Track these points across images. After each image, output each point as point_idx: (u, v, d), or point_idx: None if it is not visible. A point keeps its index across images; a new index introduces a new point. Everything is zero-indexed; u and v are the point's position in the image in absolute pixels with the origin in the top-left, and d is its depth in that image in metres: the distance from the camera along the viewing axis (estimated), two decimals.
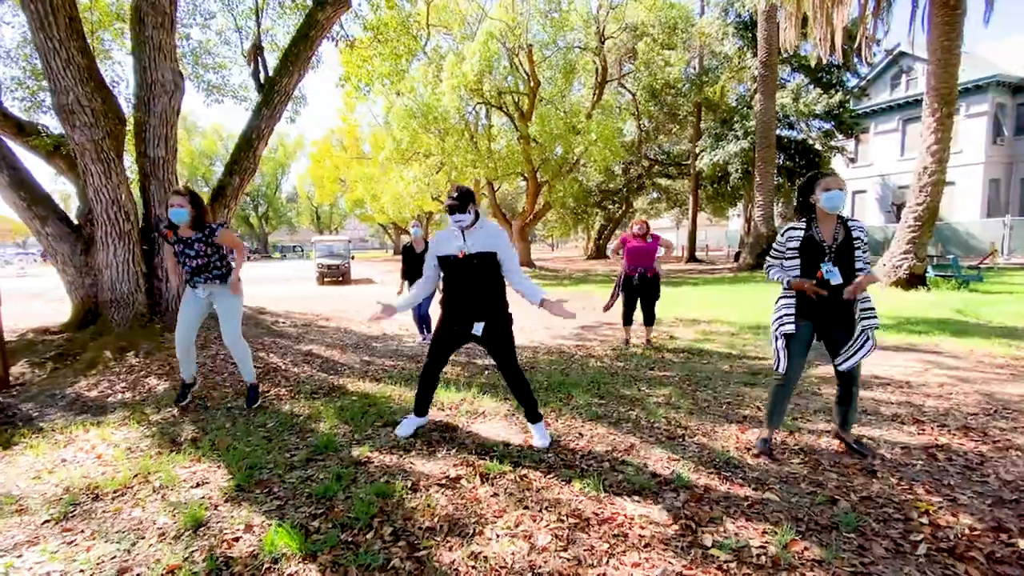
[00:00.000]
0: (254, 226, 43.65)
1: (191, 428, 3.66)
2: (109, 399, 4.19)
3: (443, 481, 2.85)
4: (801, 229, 3.00)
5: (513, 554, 2.20)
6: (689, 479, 2.87)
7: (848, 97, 23.03)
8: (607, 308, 6.53)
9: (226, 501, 2.66)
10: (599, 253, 36.73)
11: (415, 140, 19.26)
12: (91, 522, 2.48)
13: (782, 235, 3.07)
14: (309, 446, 3.32)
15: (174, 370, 4.82)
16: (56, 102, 5.04)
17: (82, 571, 2.11)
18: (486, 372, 5.25)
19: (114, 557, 2.20)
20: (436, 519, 2.47)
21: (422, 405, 3.53)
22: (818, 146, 22.07)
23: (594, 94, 22.77)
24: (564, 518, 2.47)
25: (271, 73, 7.09)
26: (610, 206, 34.73)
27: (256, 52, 7.29)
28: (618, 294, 6.44)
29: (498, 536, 2.33)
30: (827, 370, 5.17)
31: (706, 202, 28.80)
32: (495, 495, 2.70)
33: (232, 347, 4.00)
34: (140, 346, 5.22)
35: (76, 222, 5.97)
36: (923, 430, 3.57)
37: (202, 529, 2.41)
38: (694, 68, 25.09)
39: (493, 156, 20.51)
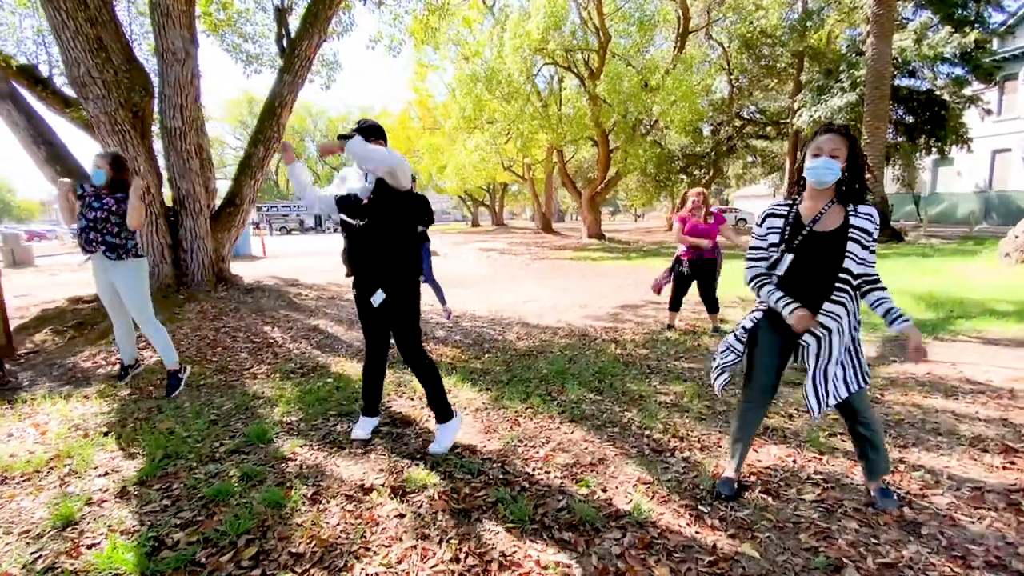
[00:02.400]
0: None
1: (147, 406, 3.55)
2: (98, 371, 4.22)
3: (351, 492, 2.45)
4: (784, 209, 2.16)
5: None
6: (650, 512, 2.24)
7: (989, 37, 19.23)
8: (657, 290, 5.73)
9: (117, 497, 2.44)
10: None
11: (479, 106, 18.70)
12: None
13: (759, 222, 2.22)
14: (245, 435, 3.05)
15: (185, 342, 4.82)
16: (69, 74, 5.11)
17: None
18: (485, 355, 4.78)
19: None
20: (313, 543, 2.07)
21: (370, 403, 3.08)
22: (946, 96, 18.71)
23: (674, 47, 20.84)
24: (460, 557, 1.97)
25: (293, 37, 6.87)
26: (696, 172, 32.32)
27: (280, 15, 7.09)
28: (670, 277, 5.59)
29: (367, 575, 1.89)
30: (892, 370, 4.15)
31: None
32: (399, 516, 2.25)
33: (141, 329, 3.75)
34: (163, 314, 5.29)
35: None
36: (1013, 463, 2.63)
37: (69, 530, 2.18)
38: (796, 12, 22.16)
39: (562, 120, 19.52)
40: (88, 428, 3.20)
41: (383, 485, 2.49)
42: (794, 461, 2.71)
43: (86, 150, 5.58)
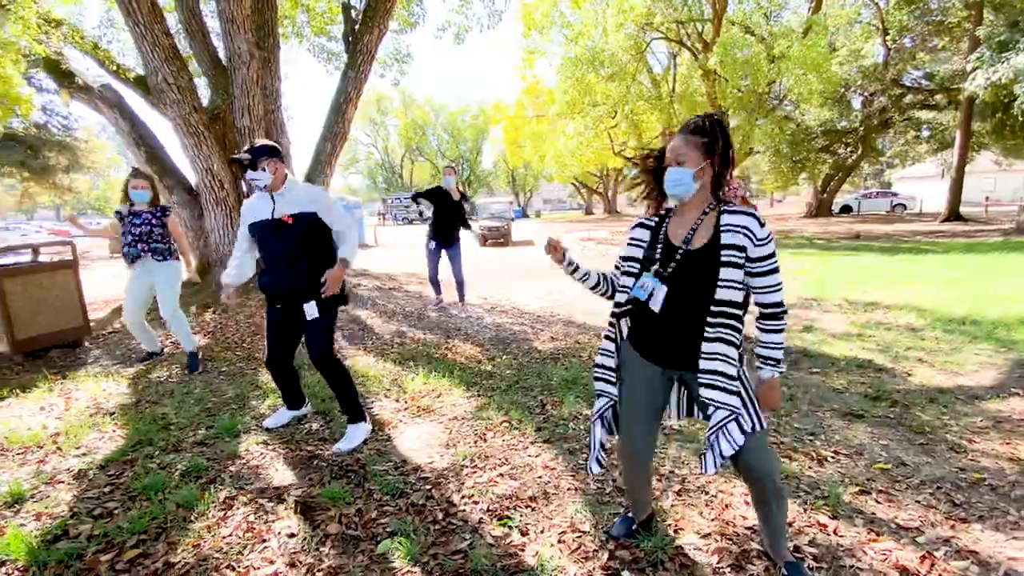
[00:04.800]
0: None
1: (166, 389, 3.82)
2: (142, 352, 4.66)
3: (265, 501, 2.36)
4: (654, 220, 1.79)
5: None
6: (554, 572, 1.85)
7: None
8: None
9: (73, 478, 2.59)
10: (821, 209, 30.70)
11: (582, 90, 18.02)
12: None
13: (631, 233, 1.82)
14: (218, 427, 3.13)
15: (223, 329, 5.19)
16: (150, 82, 5.67)
17: None
18: (502, 357, 4.49)
19: None
20: (189, 556, 2.00)
21: (290, 399, 3.21)
22: None
23: (809, 8, 18.33)
24: None
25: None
26: (840, 150, 28.42)
27: (347, 12, 7.29)
28: None
29: None
30: (1004, 408, 3.15)
31: (991, 139, 21.31)
32: (290, 535, 2.11)
33: (167, 321, 4.21)
34: (220, 305, 5.77)
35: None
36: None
37: (16, 507, 2.35)
38: None
39: (673, 98, 18.18)
40: (103, 407, 3.50)
41: (298, 497, 2.37)
42: (791, 523, 2.10)
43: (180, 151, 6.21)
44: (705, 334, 1.60)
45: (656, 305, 1.65)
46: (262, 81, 6.34)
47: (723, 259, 1.55)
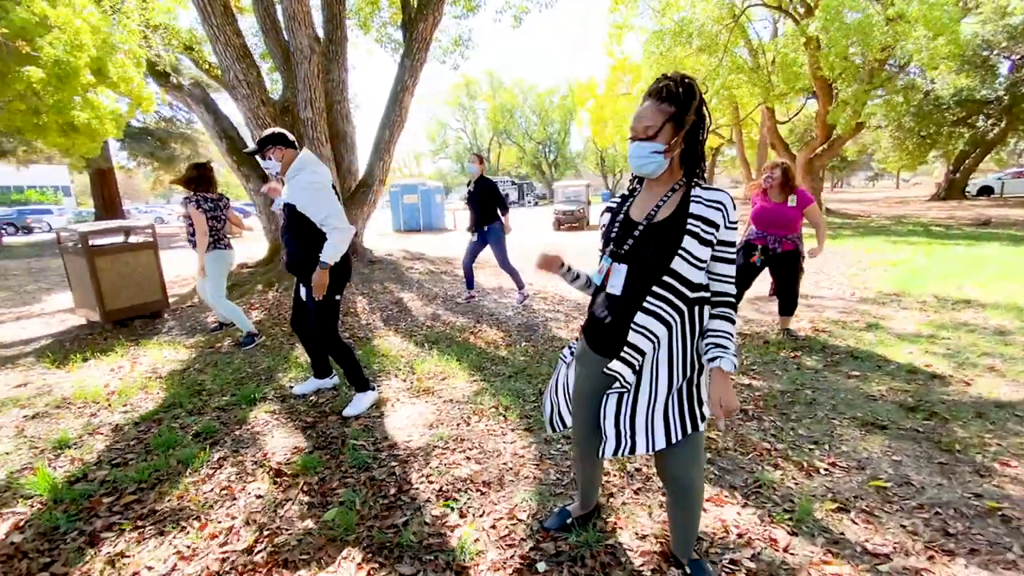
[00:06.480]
0: (544, 173, 47.30)
1: (216, 359, 4.26)
2: (212, 325, 5.21)
3: (249, 464, 2.60)
4: (616, 202, 1.66)
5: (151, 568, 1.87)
6: (473, 555, 1.90)
7: None
8: None
9: (111, 431, 3.01)
10: (951, 192, 27.09)
11: (668, 64, 17.12)
12: (34, 421, 3.15)
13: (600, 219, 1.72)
14: (239, 395, 3.46)
15: (279, 306, 5.66)
16: (224, 78, 6.23)
17: None
18: (522, 344, 4.51)
19: None
20: (171, 505, 2.28)
21: (318, 367, 3.49)
22: None
23: None
24: (253, 550, 1.95)
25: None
26: (979, 123, 24.77)
27: (405, 1, 7.47)
28: None
29: (163, 541, 2.01)
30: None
31: None
32: (257, 496, 2.33)
33: (213, 307, 4.58)
34: (283, 284, 6.29)
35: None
36: None
37: (57, 452, 2.78)
38: None
39: (772, 70, 16.79)
40: (158, 371, 4.00)
41: (278, 463, 2.59)
42: (740, 535, 1.97)
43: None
44: (644, 306, 1.45)
45: (616, 289, 1.50)
46: (329, 74, 6.74)
47: (688, 228, 1.40)
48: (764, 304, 5.62)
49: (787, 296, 4.33)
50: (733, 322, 1.48)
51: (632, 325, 1.46)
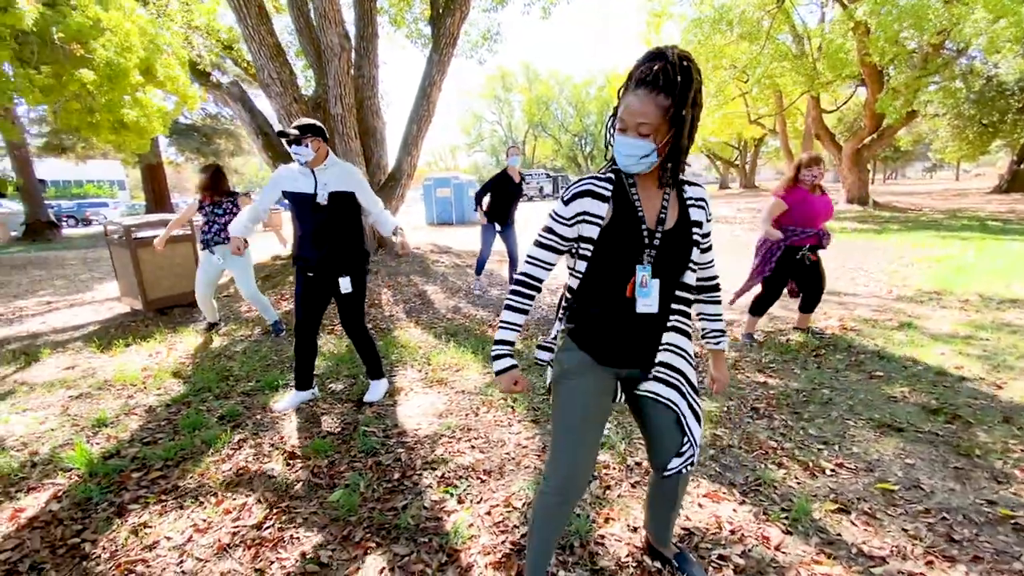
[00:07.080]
0: (580, 166, 46.83)
1: (244, 347, 4.47)
2: (244, 315, 5.44)
3: (267, 446, 2.74)
4: (607, 189, 1.36)
5: (155, 544, 2.02)
6: (465, 539, 1.97)
7: None
8: (733, 299, 4.47)
9: (145, 412, 3.22)
10: (1015, 184, 25.48)
11: (707, 52, 16.70)
12: (78, 401, 3.39)
13: (565, 198, 1.38)
14: (264, 381, 3.63)
15: None
16: (258, 76, 6.46)
17: None
18: (540, 336, 4.55)
19: (26, 430, 2.97)
20: (192, 482, 2.43)
21: (302, 378, 3.25)
22: None
23: None
24: (262, 525, 2.07)
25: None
26: None
27: None
28: (760, 277, 4.21)
29: (165, 520, 2.15)
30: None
31: None
32: (270, 477, 2.46)
33: (249, 300, 4.66)
34: None
35: None
36: None
37: (95, 429, 3.00)
38: None
39: (817, 57, 16.19)
40: (193, 358, 4.22)
41: (292, 446, 2.72)
42: (733, 531, 1.97)
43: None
44: (672, 323, 1.45)
45: (652, 306, 1.37)
46: (360, 70, 6.90)
47: (693, 238, 1.39)
48: (789, 301, 5.47)
49: (818, 293, 4.20)
50: (720, 303, 1.58)
51: (663, 346, 1.46)
